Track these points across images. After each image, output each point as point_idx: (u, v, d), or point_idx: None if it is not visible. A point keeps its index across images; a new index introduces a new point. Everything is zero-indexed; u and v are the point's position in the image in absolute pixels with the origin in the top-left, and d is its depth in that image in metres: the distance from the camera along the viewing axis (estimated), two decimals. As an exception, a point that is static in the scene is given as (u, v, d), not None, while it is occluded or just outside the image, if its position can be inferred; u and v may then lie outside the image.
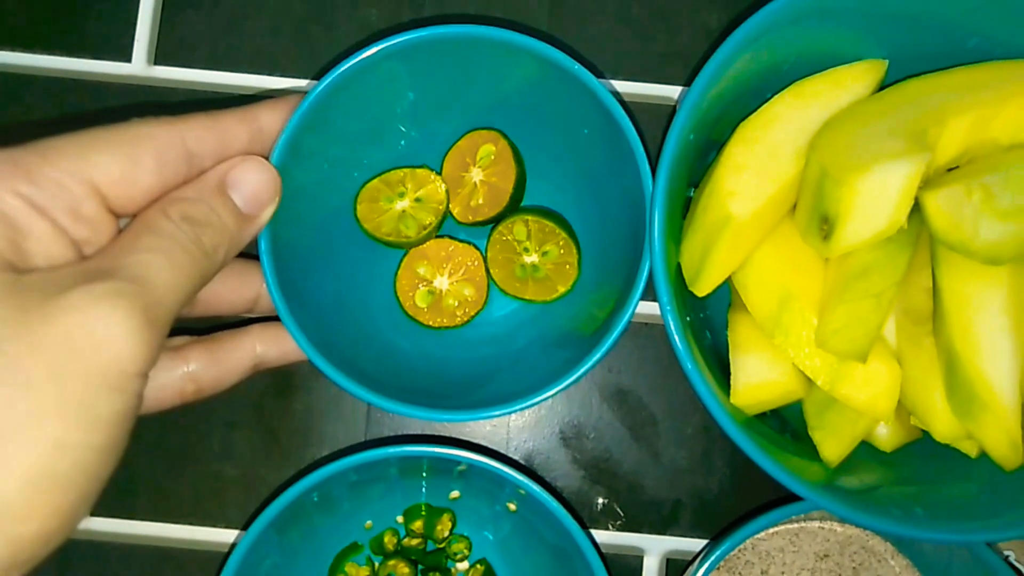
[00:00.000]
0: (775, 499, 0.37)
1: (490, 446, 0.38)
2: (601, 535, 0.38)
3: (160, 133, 0.26)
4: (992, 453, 0.28)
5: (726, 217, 0.28)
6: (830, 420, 0.30)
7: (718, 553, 0.32)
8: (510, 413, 0.31)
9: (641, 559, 0.38)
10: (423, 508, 0.36)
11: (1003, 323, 0.27)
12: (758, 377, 0.30)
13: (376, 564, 0.36)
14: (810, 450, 0.31)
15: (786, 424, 0.34)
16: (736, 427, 0.28)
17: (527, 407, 0.30)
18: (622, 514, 0.38)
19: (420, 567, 0.36)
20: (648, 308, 0.39)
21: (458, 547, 0.36)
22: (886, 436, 0.32)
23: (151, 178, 0.26)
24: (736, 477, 0.38)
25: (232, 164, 0.28)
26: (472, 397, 0.33)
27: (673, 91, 0.40)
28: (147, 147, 0.26)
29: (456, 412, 0.30)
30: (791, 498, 0.33)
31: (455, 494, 0.36)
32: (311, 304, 0.32)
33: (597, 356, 0.30)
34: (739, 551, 0.35)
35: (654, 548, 0.38)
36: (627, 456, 0.39)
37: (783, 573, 0.35)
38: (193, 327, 0.32)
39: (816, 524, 0.35)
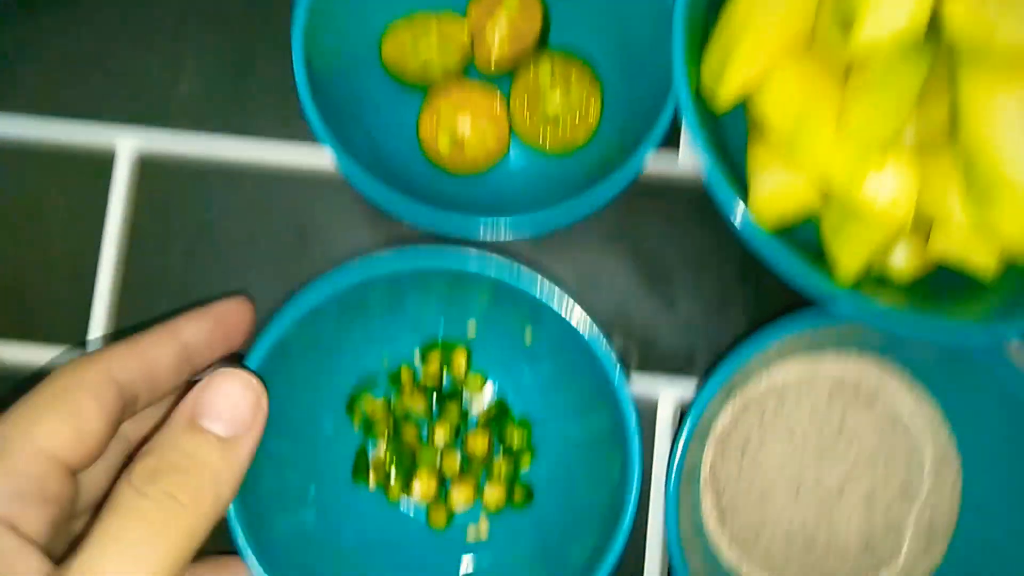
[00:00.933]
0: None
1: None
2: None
3: (88, 375, 0.26)
4: (1007, 236, 0.28)
5: (745, 23, 0.29)
6: (846, 235, 0.31)
7: (726, 367, 0.32)
8: (530, 223, 0.31)
9: (655, 406, 0.39)
10: (439, 344, 0.37)
11: (1020, 118, 0.28)
12: (775, 187, 0.30)
13: (392, 399, 0.37)
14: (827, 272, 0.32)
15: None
16: (757, 230, 0.29)
17: (548, 218, 0.31)
18: (637, 362, 0.39)
19: (436, 404, 0.37)
20: (666, 165, 0.39)
21: (474, 384, 0.37)
22: (902, 265, 0.33)
23: (99, 425, 0.25)
24: (750, 327, 0.39)
25: (200, 389, 0.26)
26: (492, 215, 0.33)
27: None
28: (84, 394, 0.25)
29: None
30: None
31: (471, 329, 0.37)
32: (341, 135, 0.33)
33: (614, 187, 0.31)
34: (754, 385, 0.36)
35: (668, 395, 0.39)
36: (642, 308, 0.39)
37: (798, 403, 0.35)
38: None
39: (832, 356, 0.35)
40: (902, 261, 0.33)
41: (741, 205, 0.29)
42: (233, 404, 0.25)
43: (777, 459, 0.35)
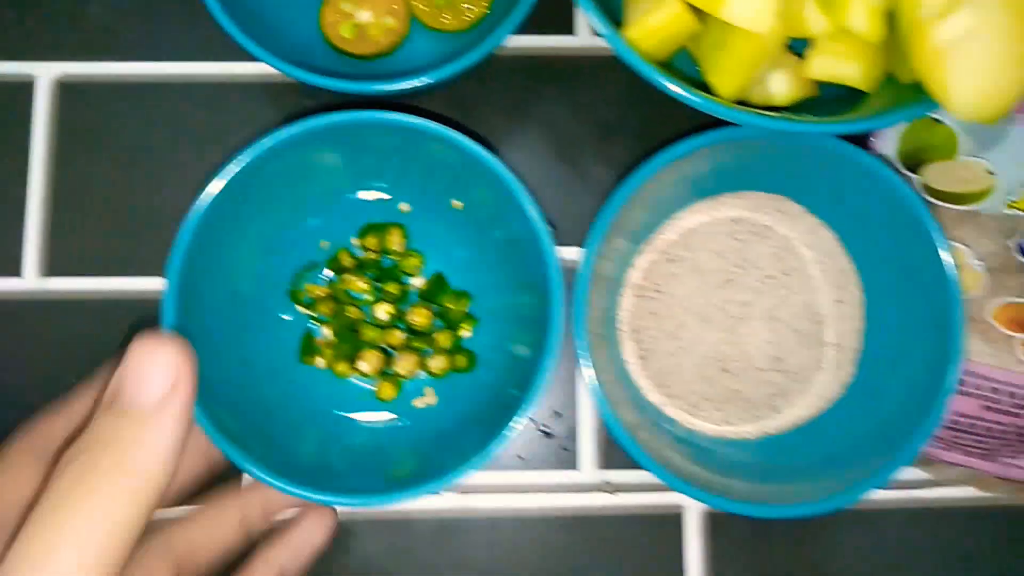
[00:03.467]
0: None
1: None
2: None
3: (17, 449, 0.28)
4: (861, 34, 0.31)
5: None
6: (722, 59, 0.33)
7: (623, 190, 0.34)
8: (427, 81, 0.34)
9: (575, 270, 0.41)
10: (375, 225, 0.39)
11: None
12: (649, 10, 0.33)
13: (334, 282, 0.39)
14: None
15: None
16: (635, 55, 0.31)
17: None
18: (555, 229, 0.41)
19: (377, 283, 0.39)
20: (567, 41, 0.42)
21: (411, 262, 0.39)
22: (783, 89, 0.35)
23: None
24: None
25: (120, 368, 0.25)
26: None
27: None
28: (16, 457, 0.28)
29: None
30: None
31: (405, 207, 0.39)
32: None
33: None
34: (666, 234, 0.38)
35: (592, 260, 0.41)
36: (552, 176, 0.41)
37: (703, 244, 0.38)
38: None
39: (730, 198, 0.38)
40: (783, 85, 0.35)
41: (615, 33, 0.32)
42: (144, 379, 0.25)
43: (686, 295, 0.38)
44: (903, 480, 0.40)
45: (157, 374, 0.25)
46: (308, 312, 0.39)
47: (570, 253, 0.41)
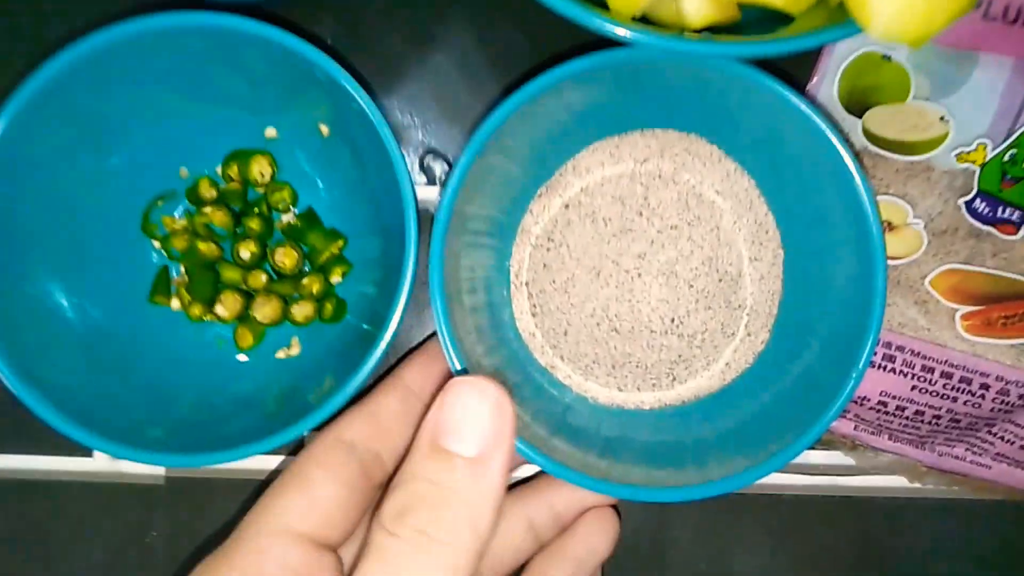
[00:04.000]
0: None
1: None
2: (427, 192, 0.37)
3: (316, 444, 0.27)
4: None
5: None
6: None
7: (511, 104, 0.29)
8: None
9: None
10: (240, 152, 0.35)
11: None
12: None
13: (193, 215, 0.35)
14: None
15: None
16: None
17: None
18: (450, 166, 0.37)
19: (240, 219, 0.35)
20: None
21: (280, 195, 0.35)
22: (696, 11, 0.31)
23: (332, 490, 0.26)
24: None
25: (437, 406, 0.23)
26: None
27: None
28: (312, 463, 0.26)
29: None
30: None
31: (271, 132, 0.34)
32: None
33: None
34: (559, 174, 0.34)
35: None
36: (456, 108, 0.37)
37: (601, 189, 0.33)
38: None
39: (636, 135, 0.33)
40: (696, 3, 0.30)
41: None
42: (473, 416, 0.23)
43: (579, 246, 0.33)
44: (824, 465, 0.36)
45: (481, 420, 0.23)
46: (162, 248, 0.35)
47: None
